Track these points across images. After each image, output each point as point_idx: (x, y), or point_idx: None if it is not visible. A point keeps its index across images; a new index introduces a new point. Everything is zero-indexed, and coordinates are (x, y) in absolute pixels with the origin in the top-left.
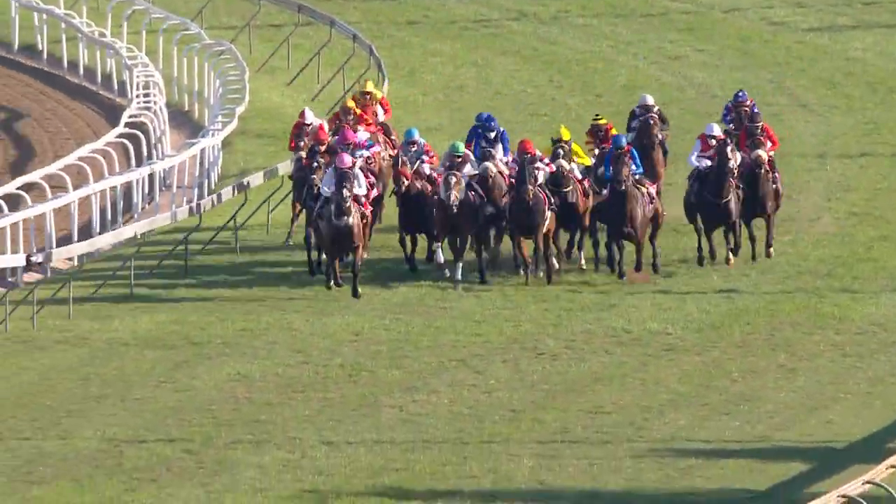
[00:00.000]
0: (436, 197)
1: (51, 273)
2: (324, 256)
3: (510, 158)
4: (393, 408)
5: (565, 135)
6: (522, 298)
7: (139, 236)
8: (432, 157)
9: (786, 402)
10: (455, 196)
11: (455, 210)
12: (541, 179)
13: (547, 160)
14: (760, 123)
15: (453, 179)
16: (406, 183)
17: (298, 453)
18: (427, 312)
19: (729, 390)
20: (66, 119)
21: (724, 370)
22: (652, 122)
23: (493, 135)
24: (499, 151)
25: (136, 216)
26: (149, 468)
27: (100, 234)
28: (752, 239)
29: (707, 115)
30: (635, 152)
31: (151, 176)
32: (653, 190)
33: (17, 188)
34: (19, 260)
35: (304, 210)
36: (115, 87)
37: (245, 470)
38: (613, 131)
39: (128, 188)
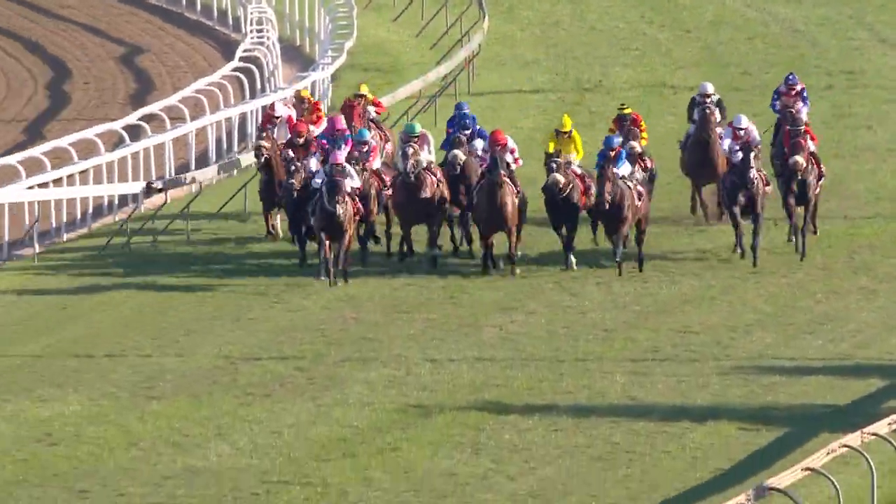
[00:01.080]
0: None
1: (169, 199)
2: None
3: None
4: (493, 327)
5: (567, 124)
6: None
7: (255, 164)
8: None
9: (867, 322)
10: (412, 164)
11: (412, 178)
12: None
13: (517, 154)
14: (801, 127)
15: (410, 150)
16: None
17: (403, 370)
18: (525, 238)
19: (812, 310)
20: (184, 53)
21: (808, 291)
22: (708, 112)
23: (468, 132)
24: (479, 143)
25: (248, 146)
26: (262, 384)
27: (215, 162)
28: (798, 231)
29: (791, 47)
30: (623, 152)
31: (264, 108)
32: (639, 188)
33: (138, 119)
34: (140, 186)
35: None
36: (231, 22)
37: (353, 385)
38: (643, 124)
39: (242, 119)
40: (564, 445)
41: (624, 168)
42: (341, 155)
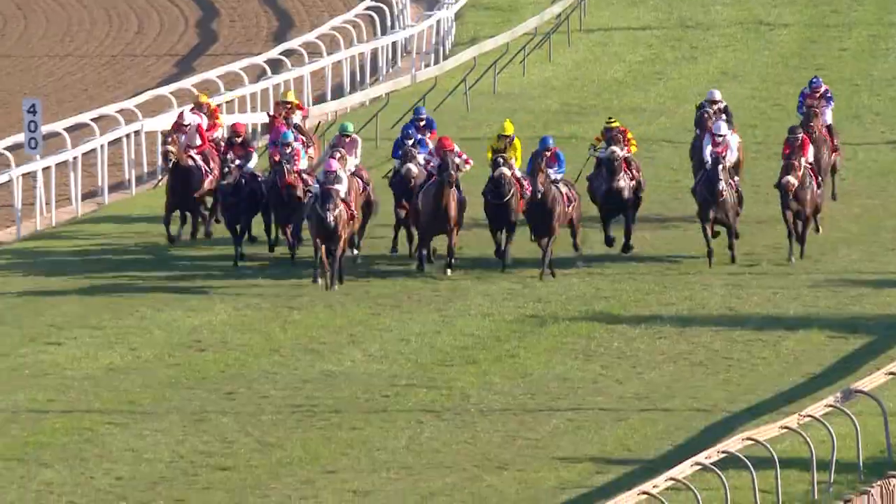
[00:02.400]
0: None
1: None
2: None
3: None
4: (602, 244)
5: (508, 129)
6: None
7: (385, 96)
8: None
9: None
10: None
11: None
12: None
13: (465, 156)
14: (800, 135)
15: (338, 154)
16: (292, 192)
17: (520, 283)
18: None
19: (895, 230)
20: None
21: (891, 212)
22: (706, 116)
23: (411, 142)
24: (420, 155)
25: (380, 78)
26: (392, 296)
27: (350, 94)
28: (801, 241)
29: None
30: (560, 154)
31: (394, 44)
32: (569, 191)
33: (279, 54)
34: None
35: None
36: None
37: (474, 297)
38: (630, 135)
39: (373, 54)
40: (668, 352)
41: (557, 171)
42: (335, 162)
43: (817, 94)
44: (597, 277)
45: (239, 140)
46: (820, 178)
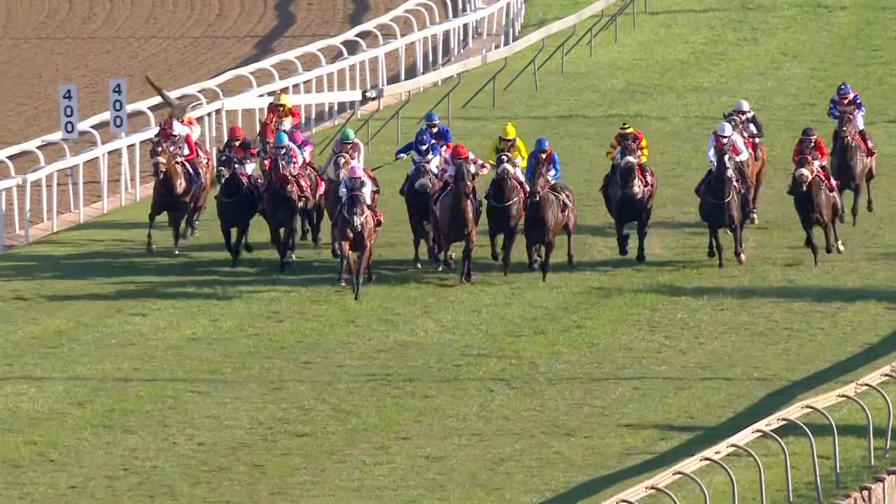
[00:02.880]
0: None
1: (382, 106)
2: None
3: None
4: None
5: (510, 132)
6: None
7: (457, 76)
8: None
9: None
10: (345, 173)
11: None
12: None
13: (481, 161)
14: (814, 137)
15: (342, 160)
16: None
17: (587, 256)
18: (696, 139)
19: None
20: None
21: None
22: (733, 125)
23: (424, 147)
24: (433, 161)
25: (452, 59)
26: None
27: (422, 73)
28: (814, 248)
29: None
30: (556, 157)
31: (465, 26)
32: (565, 197)
33: (355, 35)
34: (356, 95)
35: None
36: None
37: None
38: (643, 142)
39: (446, 36)
40: (730, 323)
41: (554, 174)
42: (359, 168)
43: (846, 101)
44: (661, 251)
45: (238, 143)
46: (833, 182)
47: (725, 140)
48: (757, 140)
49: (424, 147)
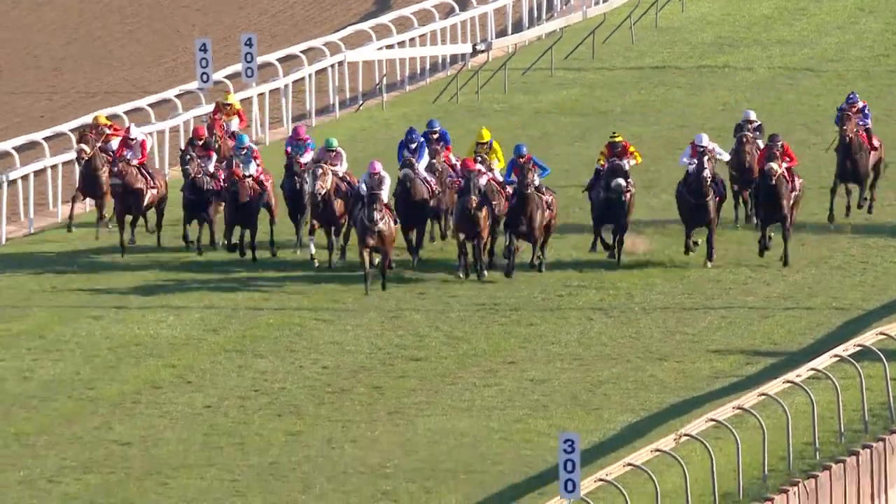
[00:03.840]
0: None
1: (490, 58)
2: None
3: (425, 163)
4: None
5: (485, 135)
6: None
7: (559, 30)
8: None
9: None
10: (320, 186)
11: (319, 199)
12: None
13: (485, 168)
14: (780, 142)
15: (319, 171)
16: (239, 186)
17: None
18: (778, 89)
19: None
20: None
21: None
22: (745, 140)
23: (414, 146)
24: (422, 160)
25: (555, 15)
26: (563, 207)
27: (527, 28)
28: (765, 243)
29: None
30: (536, 159)
31: None
32: (550, 198)
33: None
34: (467, 48)
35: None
36: None
37: (639, 210)
38: (631, 148)
39: None
40: (810, 257)
41: (541, 172)
42: (378, 164)
43: (854, 109)
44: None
45: (200, 142)
46: (798, 181)
47: (701, 148)
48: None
49: (414, 146)
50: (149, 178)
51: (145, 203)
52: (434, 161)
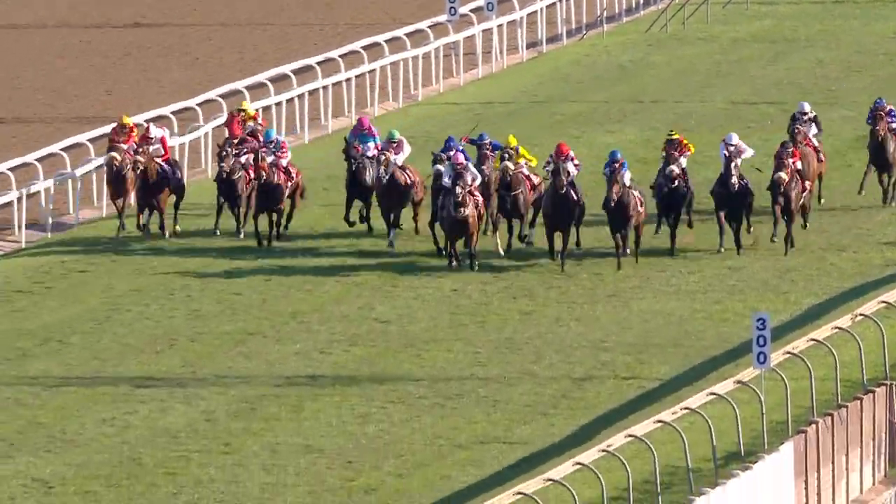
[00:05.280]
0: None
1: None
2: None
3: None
4: None
5: (512, 142)
6: None
7: None
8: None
9: None
10: (384, 171)
11: (385, 181)
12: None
13: (577, 161)
14: (790, 148)
15: (383, 158)
16: (265, 175)
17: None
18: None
19: None
20: None
21: None
22: (797, 131)
23: (451, 153)
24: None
25: None
26: None
27: None
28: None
29: None
30: (625, 164)
31: None
32: (639, 195)
33: None
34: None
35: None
36: None
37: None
38: (685, 141)
39: None
40: None
41: (627, 177)
42: (461, 155)
43: (882, 113)
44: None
45: (235, 140)
46: (807, 184)
47: (733, 147)
48: (817, 142)
49: (451, 153)
50: (169, 171)
51: (165, 197)
52: (484, 167)
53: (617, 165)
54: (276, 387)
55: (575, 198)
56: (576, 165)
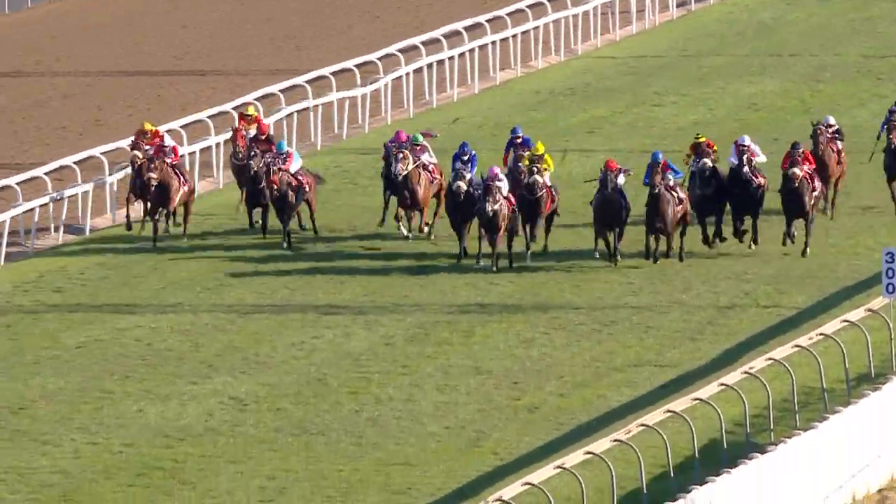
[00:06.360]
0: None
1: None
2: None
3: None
4: None
5: (539, 148)
6: None
7: None
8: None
9: None
10: (401, 168)
11: (400, 179)
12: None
13: (624, 168)
14: (801, 149)
15: (401, 155)
16: (276, 188)
17: None
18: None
19: None
20: None
21: None
22: (819, 132)
23: (466, 158)
24: (473, 171)
25: None
26: None
27: None
28: (791, 236)
29: None
30: (671, 164)
31: None
32: (682, 194)
33: None
34: None
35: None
36: None
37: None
38: (715, 147)
39: None
40: None
41: (671, 178)
42: (496, 168)
43: None
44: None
45: (263, 137)
46: (818, 183)
47: (745, 148)
48: (840, 147)
49: (466, 158)
50: (181, 176)
51: (178, 198)
52: (521, 164)
53: (659, 168)
54: (448, 314)
55: (624, 203)
56: (624, 172)
